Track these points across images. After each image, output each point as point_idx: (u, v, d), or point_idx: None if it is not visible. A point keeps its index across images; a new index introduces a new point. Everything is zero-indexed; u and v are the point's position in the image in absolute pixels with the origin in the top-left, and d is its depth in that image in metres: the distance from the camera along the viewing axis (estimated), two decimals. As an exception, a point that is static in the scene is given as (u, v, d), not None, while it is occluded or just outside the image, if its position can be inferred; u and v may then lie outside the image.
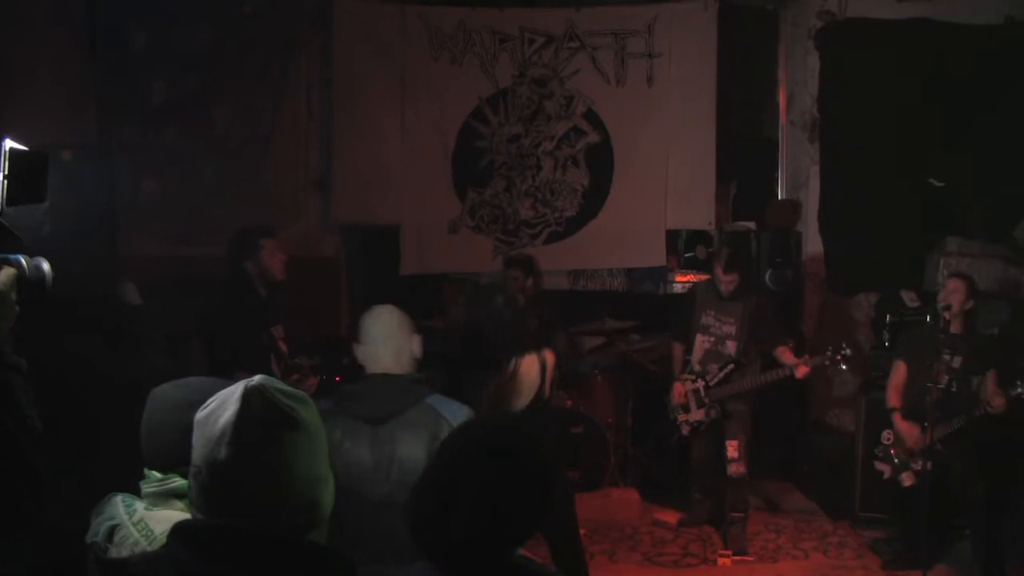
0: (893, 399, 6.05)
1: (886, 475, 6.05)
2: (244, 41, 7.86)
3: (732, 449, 6.31)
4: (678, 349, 6.73)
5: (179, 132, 7.76)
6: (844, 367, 6.28)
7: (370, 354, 3.40)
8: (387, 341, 3.38)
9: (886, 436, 6.07)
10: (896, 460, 5.98)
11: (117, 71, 7.48)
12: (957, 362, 5.85)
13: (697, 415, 6.47)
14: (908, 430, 5.89)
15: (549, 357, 4.68)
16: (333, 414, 3.16)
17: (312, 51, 8.16)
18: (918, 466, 5.81)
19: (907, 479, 5.92)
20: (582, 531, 5.72)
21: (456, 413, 3.24)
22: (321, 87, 8.19)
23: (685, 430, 6.56)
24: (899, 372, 6.11)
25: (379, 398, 3.30)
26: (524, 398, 4.50)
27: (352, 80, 8.11)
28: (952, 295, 5.88)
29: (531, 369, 4.54)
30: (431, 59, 8.15)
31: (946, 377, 5.78)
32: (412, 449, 3.18)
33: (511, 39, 8.16)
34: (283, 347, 5.75)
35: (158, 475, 2.36)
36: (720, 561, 6.15)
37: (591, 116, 8.21)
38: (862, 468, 6.77)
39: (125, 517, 2.37)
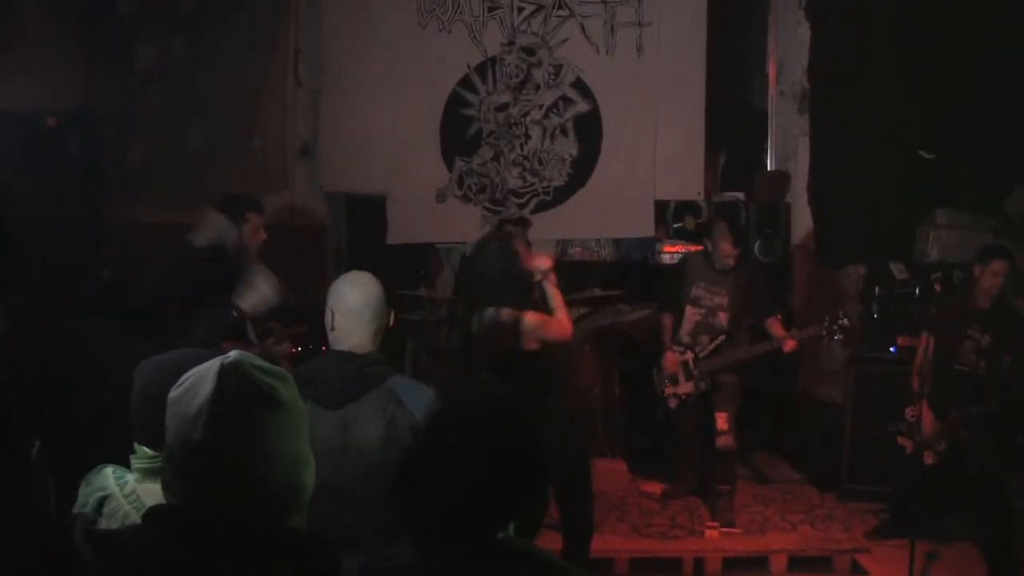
0: (918, 381, 5.85)
1: (908, 450, 5.92)
2: (232, 6, 7.78)
3: (721, 421, 6.30)
4: (668, 320, 6.69)
5: (166, 98, 7.68)
6: (840, 337, 6.25)
7: (344, 328, 3.20)
8: (368, 318, 3.19)
9: (910, 413, 5.92)
10: (918, 438, 5.83)
11: (104, 36, 7.40)
12: (986, 340, 5.71)
13: (686, 387, 6.45)
14: (929, 420, 5.78)
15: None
16: None
17: (300, 18, 8.05)
18: (942, 447, 5.75)
19: (928, 457, 5.81)
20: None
21: (417, 398, 3.10)
22: (309, 54, 8.09)
23: (673, 403, 6.54)
24: (925, 350, 5.82)
25: (337, 381, 3.11)
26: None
27: (340, 47, 8.01)
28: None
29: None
30: (419, 26, 8.05)
31: (973, 357, 5.68)
32: (369, 435, 3.06)
33: (500, 7, 8.06)
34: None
35: (149, 452, 2.30)
36: (708, 533, 6.16)
37: (580, 85, 8.13)
38: (850, 440, 6.78)
39: (116, 489, 2.34)
